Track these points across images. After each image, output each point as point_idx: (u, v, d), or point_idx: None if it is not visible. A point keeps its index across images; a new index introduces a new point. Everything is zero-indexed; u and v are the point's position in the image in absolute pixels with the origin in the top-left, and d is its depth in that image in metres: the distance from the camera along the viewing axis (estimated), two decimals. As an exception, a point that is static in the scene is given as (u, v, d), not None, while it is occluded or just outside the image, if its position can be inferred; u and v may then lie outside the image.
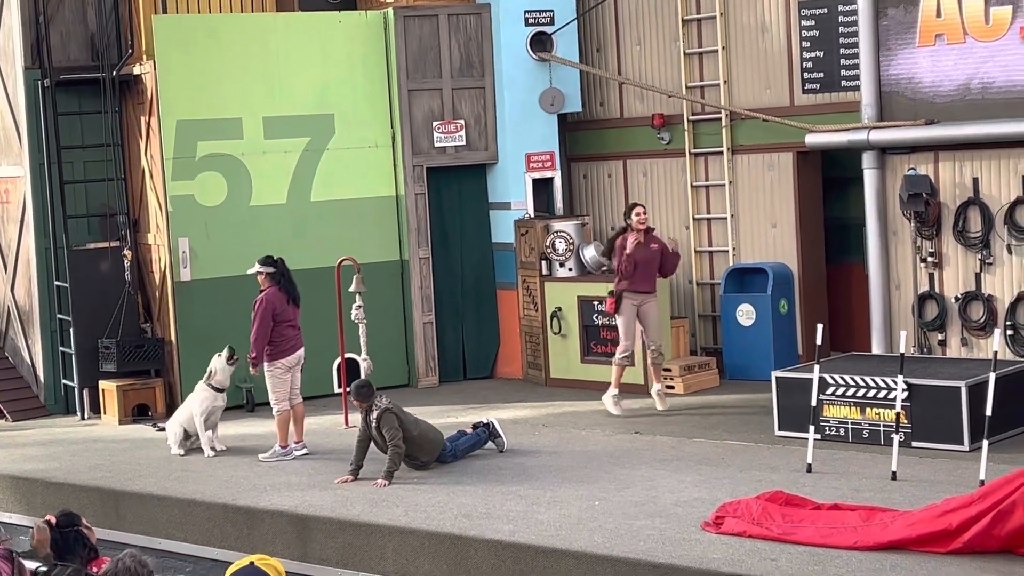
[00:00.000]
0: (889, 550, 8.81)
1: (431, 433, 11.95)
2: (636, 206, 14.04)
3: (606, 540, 9.47)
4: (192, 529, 11.44)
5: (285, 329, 12.52)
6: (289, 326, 12.55)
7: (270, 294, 12.51)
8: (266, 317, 12.41)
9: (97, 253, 15.42)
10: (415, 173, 16.04)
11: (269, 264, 12.63)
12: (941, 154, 14.01)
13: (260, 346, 12.44)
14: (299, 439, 12.78)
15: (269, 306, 12.44)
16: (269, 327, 12.42)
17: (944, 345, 14.11)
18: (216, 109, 15.20)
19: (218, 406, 13.07)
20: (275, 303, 12.46)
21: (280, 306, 12.48)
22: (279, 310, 12.46)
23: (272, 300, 12.47)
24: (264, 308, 12.44)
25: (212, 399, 13.02)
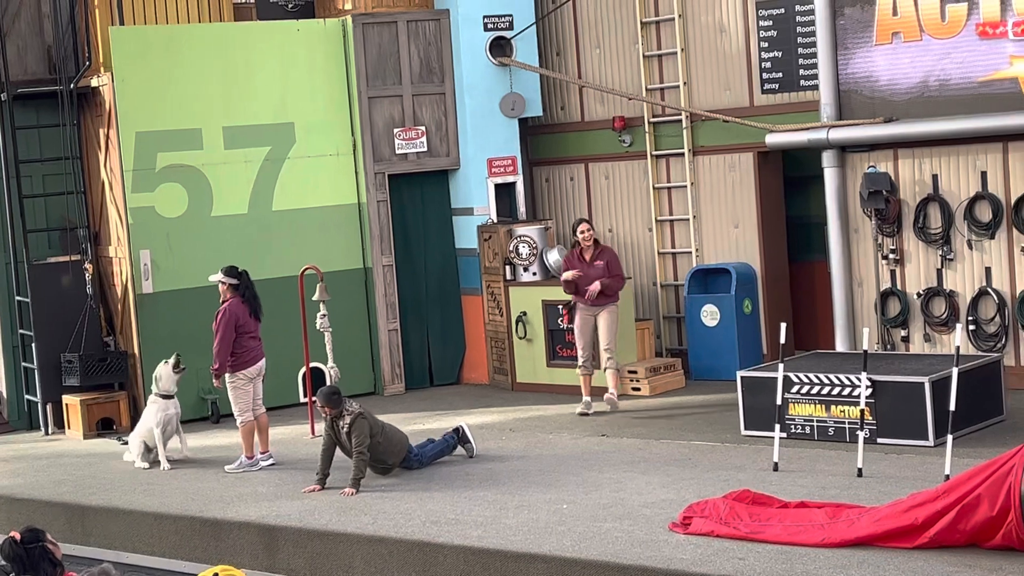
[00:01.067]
0: (856, 546, 8.84)
1: (396, 435, 11.96)
2: (581, 222, 14.11)
3: (575, 543, 9.47)
4: (159, 542, 11.37)
5: (247, 340, 12.48)
6: (250, 337, 12.51)
7: (232, 305, 12.46)
8: (228, 329, 12.36)
9: (58, 267, 15.32)
10: (377, 180, 16.02)
11: (233, 275, 12.57)
12: (900, 151, 14.10)
13: (222, 357, 12.39)
14: (264, 449, 12.74)
15: (232, 317, 12.39)
16: (231, 339, 12.37)
17: (907, 341, 14.19)
18: (175, 120, 15.13)
19: (172, 414, 13.00)
20: (237, 314, 12.41)
21: (243, 318, 12.44)
22: (241, 321, 12.42)
23: (235, 311, 12.42)
24: (227, 320, 12.38)
25: (164, 408, 12.96)
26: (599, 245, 14.13)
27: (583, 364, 14.07)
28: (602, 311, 13.96)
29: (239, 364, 12.47)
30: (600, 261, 13.97)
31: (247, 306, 12.50)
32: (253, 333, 12.54)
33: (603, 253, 14.05)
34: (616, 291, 14.05)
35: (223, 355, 12.39)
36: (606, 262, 13.97)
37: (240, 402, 12.54)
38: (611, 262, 14.00)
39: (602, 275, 13.91)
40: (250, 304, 12.53)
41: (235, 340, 12.40)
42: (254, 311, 12.56)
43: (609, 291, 13.95)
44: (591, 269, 13.96)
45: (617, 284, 14.06)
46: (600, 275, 13.91)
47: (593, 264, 13.97)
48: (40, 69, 15.80)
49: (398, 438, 11.96)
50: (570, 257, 14.17)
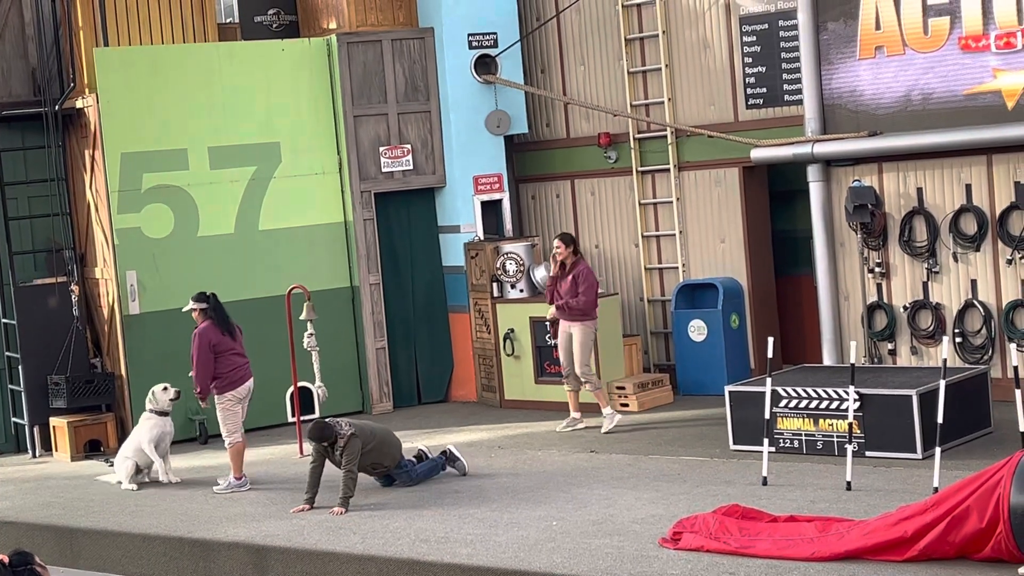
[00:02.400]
0: (846, 560, 8.85)
1: (389, 437, 12.02)
2: (556, 239, 14.09)
3: (565, 560, 9.46)
4: (148, 563, 11.34)
5: (231, 357, 12.52)
6: (234, 354, 12.55)
7: (204, 328, 12.57)
8: (203, 349, 12.46)
9: (44, 289, 15.29)
10: (363, 199, 16.02)
11: (202, 300, 12.70)
12: (885, 165, 14.14)
13: (202, 379, 12.48)
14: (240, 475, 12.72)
15: (204, 339, 12.49)
16: (209, 359, 12.46)
17: (894, 354, 14.22)
18: (160, 141, 15.13)
19: (167, 432, 13.01)
20: (210, 336, 12.50)
21: (216, 337, 12.50)
22: (215, 341, 12.49)
23: (206, 334, 12.51)
24: (200, 342, 12.50)
25: (161, 425, 12.97)
26: (573, 260, 14.02)
27: (566, 379, 14.06)
28: (575, 327, 13.90)
29: (228, 384, 12.49)
30: (570, 276, 13.93)
31: (219, 327, 12.56)
32: (235, 349, 12.58)
33: (574, 268, 13.96)
34: (579, 309, 13.85)
35: (202, 376, 12.48)
36: (573, 276, 13.91)
37: (228, 423, 12.54)
38: (578, 277, 13.86)
39: (570, 290, 13.87)
40: (221, 324, 12.59)
41: (218, 359, 12.46)
42: (227, 330, 12.62)
43: (571, 311, 13.85)
44: (562, 283, 13.95)
45: (575, 303, 13.85)
46: (568, 290, 13.87)
47: (564, 279, 13.95)
48: (24, 91, 15.79)
49: (392, 441, 12.04)
50: (553, 274, 14.14)
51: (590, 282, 13.88)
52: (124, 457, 13.13)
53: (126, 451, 13.16)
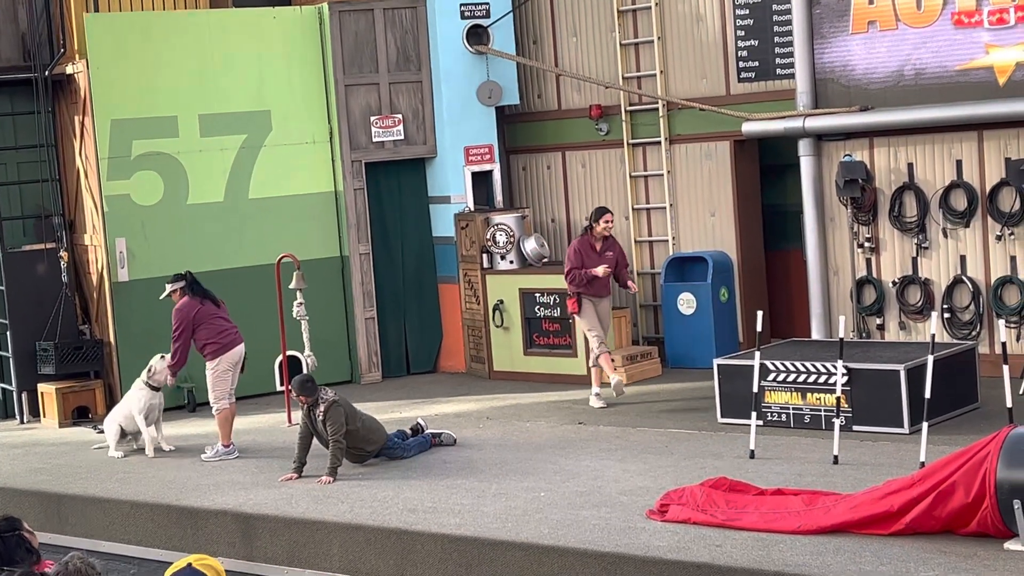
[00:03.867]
0: (832, 533, 8.88)
1: (373, 424, 11.98)
2: (606, 212, 13.92)
3: (552, 531, 9.49)
4: (135, 531, 11.35)
5: (217, 321, 12.59)
6: (220, 318, 12.60)
7: (183, 303, 12.60)
8: (184, 324, 12.52)
9: (33, 255, 15.25)
10: (353, 168, 15.99)
11: (178, 280, 12.75)
12: (876, 140, 14.14)
13: (178, 353, 12.56)
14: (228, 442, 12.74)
15: (183, 313, 12.55)
16: (188, 334, 12.53)
17: (882, 329, 14.25)
18: (151, 107, 15.07)
19: (155, 404, 13.00)
20: (188, 309, 12.53)
21: (195, 309, 12.55)
22: (194, 312, 12.53)
23: (186, 308, 12.56)
24: (182, 316, 12.55)
25: (150, 397, 12.95)
26: (610, 236, 14.03)
27: (602, 344, 13.74)
28: (602, 302, 13.85)
29: (220, 348, 12.51)
30: (610, 252, 13.85)
31: (198, 298, 12.57)
32: (219, 314, 12.62)
33: (612, 245, 13.89)
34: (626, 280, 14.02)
35: (179, 351, 12.56)
36: (616, 255, 13.85)
37: (218, 389, 12.55)
38: (620, 256, 13.89)
39: (622, 262, 13.88)
40: (201, 295, 12.61)
41: (206, 325, 12.51)
42: (209, 299, 12.66)
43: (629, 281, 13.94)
44: (600, 259, 13.80)
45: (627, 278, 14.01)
46: (618, 262, 13.83)
47: (603, 255, 13.85)
48: (14, 56, 15.72)
49: (375, 427, 11.98)
50: (580, 248, 13.87)
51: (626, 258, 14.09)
52: (111, 421, 13.13)
53: (115, 415, 13.16)
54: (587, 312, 13.81)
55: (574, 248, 13.88)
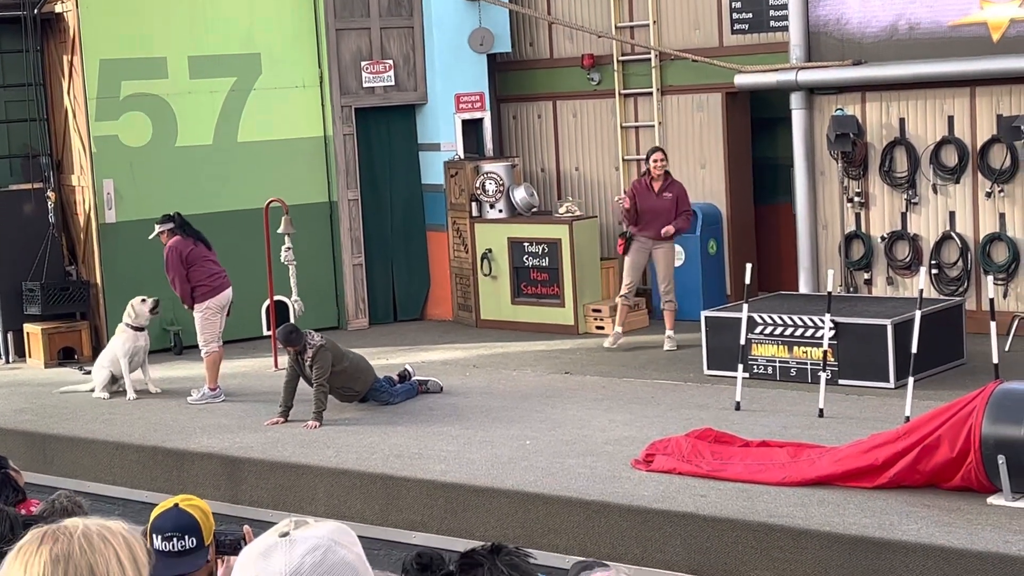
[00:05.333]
0: (817, 485, 8.92)
1: (362, 362, 12.01)
2: (656, 151, 13.89)
3: (537, 479, 9.51)
4: (121, 472, 11.36)
5: (207, 264, 12.57)
6: (209, 261, 12.61)
7: (174, 243, 12.58)
8: (176, 263, 12.49)
9: (20, 195, 15.16)
10: (343, 113, 15.91)
11: (167, 221, 12.71)
12: (868, 94, 14.10)
13: (184, 291, 12.52)
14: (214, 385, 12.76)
15: (175, 253, 12.53)
16: (183, 272, 12.49)
17: (870, 284, 14.27)
18: (140, 48, 14.96)
19: (140, 346, 12.98)
20: (181, 249, 12.52)
21: (186, 248, 12.52)
22: (187, 251, 12.51)
23: (177, 247, 12.54)
24: (171, 258, 12.53)
25: (134, 339, 12.93)
26: (669, 177, 13.88)
27: (625, 295, 13.84)
28: (658, 247, 13.78)
29: (209, 292, 12.52)
30: (669, 194, 13.76)
31: (190, 239, 12.55)
32: (209, 256, 12.62)
33: (672, 186, 13.77)
34: (685, 232, 13.87)
35: (183, 289, 12.52)
36: (675, 196, 13.75)
37: (207, 332, 12.55)
38: (680, 197, 13.72)
39: (670, 209, 13.68)
40: (191, 236, 12.59)
41: (195, 268, 12.50)
42: (199, 239, 12.64)
43: (681, 233, 13.81)
44: (658, 201, 13.73)
45: (685, 225, 13.82)
46: (668, 208, 13.67)
47: (661, 196, 13.74)
48: (3, -6, 15.56)
49: (364, 365, 12.03)
50: (637, 186, 13.85)
51: (688, 202, 13.83)
52: (100, 367, 13.12)
53: (103, 361, 13.15)
54: (631, 255, 13.83)
55: (631, 186, 13.98)
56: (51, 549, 2.53)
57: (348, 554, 2.53)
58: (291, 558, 2.50)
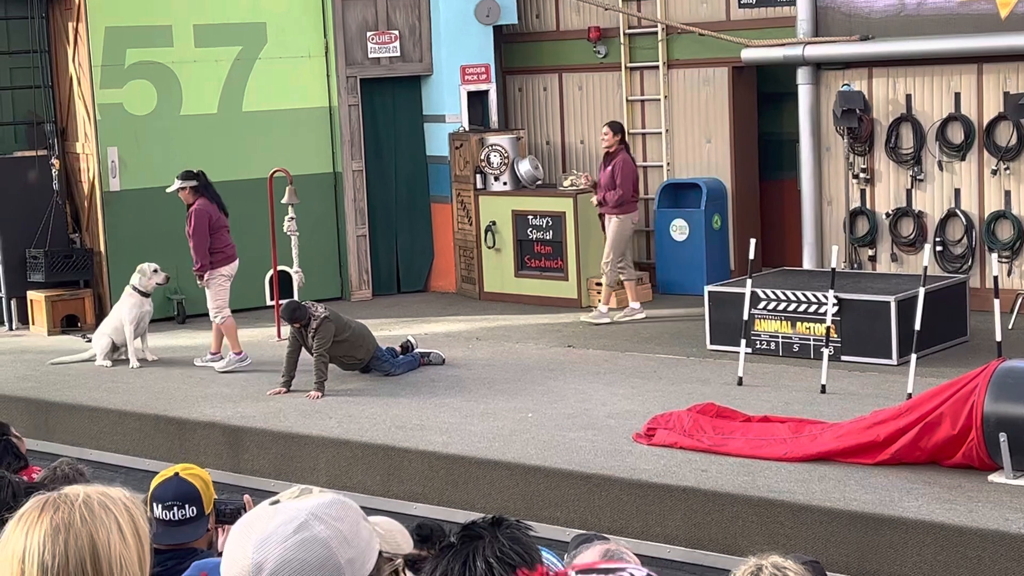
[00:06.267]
0: (818, 461, 8.93)
1: (362, 330, 12.06)
2: (605, 125, 14.16)
3: (539, 451, 9.52)
4: (123, 440, 11.38)
5: (225, 234, 12.57)
6: (226, 230, 12.60)
7: (202, 204, 12.47)
8: (202, 227, 12.42)
9: (24, 161, 15.15)
10: (348, 84, 15.87)
11: (190, 178, 12.58)
12: (875, 70, 14.05)
13: (203, 256, 12.47)
14: (217, 350, 12.77)
15: (204, 216, 12.44)
16: (207, 235, 12.43)
17: (874, 261, 14.24)
18: (146, 16, 14.92)
19: (146, 311, 12.98)
20: (208, 212, 12.46)
21: (214, 214, 12.48)
22: (214, 218, 12.47)
23: (206, 211, 12.47)
24: (199, 219, 12.44)
25: (139, 304, 12.92)
26: (618, 151, 13.94)
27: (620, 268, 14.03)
28: (612, 218, 13.93)
29: (223, 260, 12.57)
30: (608, 168, 13.92)
31: (214, 203, 12.53)
32: (227, 227, 12.64)
33: (614, 159, 13.90)
34: (613, 203, 13.89)
35: (203, 254, 12.46)
36: (611, 169, 13.88)
37: (219, 299, 12.58)
38: (615, 168, 13.87)
39: (609, 182, 13.85)
40: (216, 200, 12.57)
41: (217, 235, 12.55)
42: (221, 206, 12.61)
43: (605, 206, 13.91)
44: (602, 174, 14.00)
45: (609, 197, 13.89)
46: (607, 182, 13.86)
47: (604, 170, 13.95)
48: (8, -40, 15.52)
49: (365, 332, 12.08)
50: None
51: (626, 173, 13.85)
52: (102, 334, 13.11)
53: (105, 328, 13.14)
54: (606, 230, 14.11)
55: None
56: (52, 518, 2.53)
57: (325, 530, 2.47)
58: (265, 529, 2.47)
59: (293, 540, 2.45)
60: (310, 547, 2.45)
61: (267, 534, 2.47)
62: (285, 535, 2.45)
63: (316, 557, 2.45)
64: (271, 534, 2.46)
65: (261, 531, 2.47)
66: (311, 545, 2.45)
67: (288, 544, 2.45)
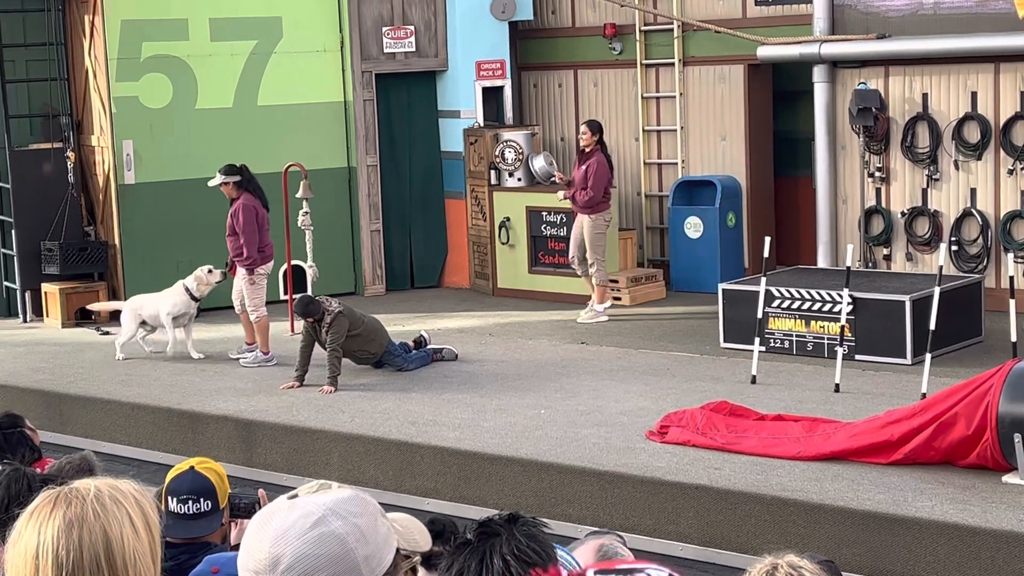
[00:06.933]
0: (831, 460, 8.91)
1: (375, 324, 12.09)
2: (583, 124, 14.20)
3: (551, 448, 9.52)
4: (136, 433, 11.39)
5: (266, 234, 12.52)
6: (267, 231, 12.56)
7: (248, 201, 12.41)
8: (251, 221, 12.36)
9: (40, 154, 15.18)
10: (364, 79, 15.87)
11: (234, 172, 12.50)
12: (891, 69, 14.01)
13: (253, 252, 12.40)
14: (252, 342, 12.76)
15: (251, 211, 12.39)
16: (257, 231, 12.38)
17: (889, 260, 14.21)
18: (161, 9, 14.93)
19: (189, 312, 12.85)
20: (256, 209, 12.42)
21: (260, 211, 12.45)
22: (260, 215, 12.45)
23: (253, 207, 12.42)
24: (247, 216, 12.35)
25: (186, 306, 12.79)
26: (595, 150, 13.96)
27: (577, 267, 14.09)
28: (585, 219, 13.93)
29: (264, 258, 12.61)
30: (582, 167, 13.91)
31: (258, 198, 12.49)
32: (267, 226, 12.57)
33: (590, 159, 13.92)
34: (585, 203, 13.87)
35: (253, 250, 12.40)
36: (585, 168, 13.88)
37: (257, 296, 12.58)
38: (589, 170, 13.87)
39: (582, 181, 13.85)
40: (260, 196, 12.53)
41: (262, 232, 12.48)
42: (264, 202, 12.57)
43: (578, 203, 13.86)
44: (576, 172, 13.97)
45: (579, 196, 13.87)
46: (581, 180, 13.85)
47: (579, 168, 13.94)
48: (25, -48, 15.54)
49: (378, 326, 12.10)
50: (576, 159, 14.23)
51: (600, 175, 13.84)
52: (133, 311, 12.92)
53: (137, 308, 12.94)
54: (573, 228, 14.13)
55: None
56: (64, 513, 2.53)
57: (343, 525, 2.47)
58: (283, 523, 2.47)
59: (311, 535, 2.45)
60: (327, 542, 2.45)
61: (285, 528, 2.47)
62: (303, 529, 2.46)
63: (333, 552, 2.45)
64: (289, 528, 2.46)
65: (279, 525, 2.47)
66: (328, 540, 2.45)
67: (306, 539, 2.45)
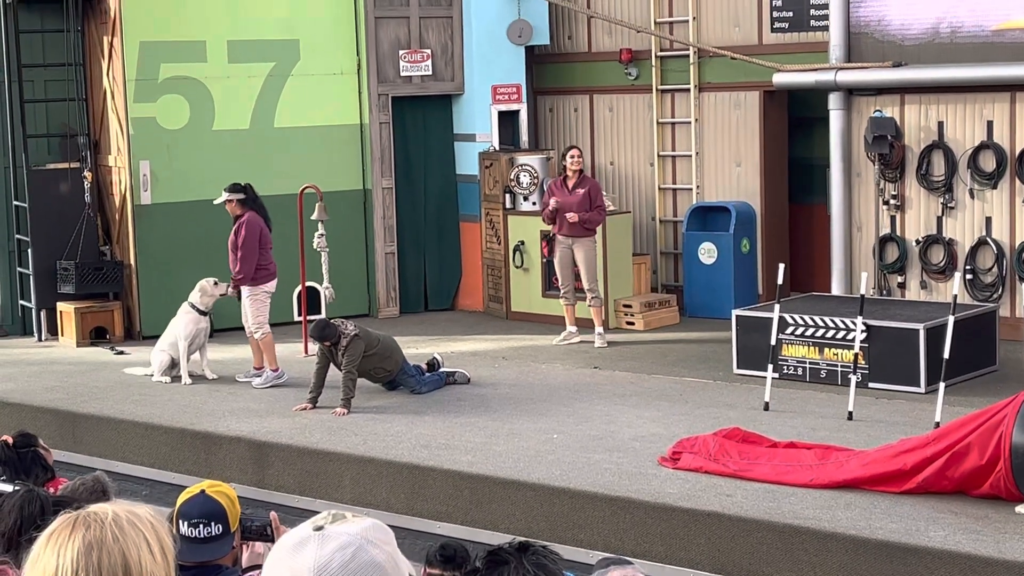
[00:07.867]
0: (844, 488, 8.89)
1: (389, 342, 12.12)
2: (572, 148, 14.18)
3: (563, 473, 9.51)
4: (149, 453, 11.41)
5: (268, 251, 12.60)
6: (270, 247, 12.64)
7: (252, 218, 12.50)
8: (252, 239, 12.44)
9: (57, 174, 15.25)
10: (380, 102, 15.92)
11: (238, 191, 12.61)
12: (907, 97, 14.03)
13: (248, 268, 12.49)
14: (260, 365, 12.79)
15: (255, 229, 12.47)
16: (256, 250, 12.47)
17: (903, 288, 14.20)
18: (180, 31, 15.01)
19: (202, 328, 12.90)
20: (260, 227, 12.50)
21: (263, 230, 12.53)
22: (263, 233, 12.52)
23: (257, 224, 12.52)
24: (250, 232, 12.46)
25: (196, 322, 12.86)
26: (583, 175, 14.04)
27: (564, 295, 14.12)
28: (577, 244, 13.90)
29: (267, 276, 12.63)
30: (581, 190, 13.90)
31: (262, 219, 12.57)
32: (271, 244, 12.65)
33: (585, 182, 13.95)
34: (595, 224, 13.95)
35: (249, 267, 12.49)
36: (587, 191, 13.88)
37: (260, 315, 12.63)
38: (592, 192, 13.89)
39: (581, 205, 13.84)
40: (263, 215, 12.61)
41: (263, 250, 12.60)
42: (267, 221, 12.66)
43: (589, 224, 13.87)
44: (570, 197, 13.90)
45: (596, 217, 13.93)
46: (579, 204, 13.84)
47: (574, 192, 13.91)
48: (45, -27, 15.63)
49: (393, 345, 12.12)
50: (552, 185, 14.15)
51: (602, 198, 13.93)
52: (159, 351, 12.98)
53: (162, 344, 13.03)
54: (557, 256, 14.08)
55: (549, 186, 14.21)
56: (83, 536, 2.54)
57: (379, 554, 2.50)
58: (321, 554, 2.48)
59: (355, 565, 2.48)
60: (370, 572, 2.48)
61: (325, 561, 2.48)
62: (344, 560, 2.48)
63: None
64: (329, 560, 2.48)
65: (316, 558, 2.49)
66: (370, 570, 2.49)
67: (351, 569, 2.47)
